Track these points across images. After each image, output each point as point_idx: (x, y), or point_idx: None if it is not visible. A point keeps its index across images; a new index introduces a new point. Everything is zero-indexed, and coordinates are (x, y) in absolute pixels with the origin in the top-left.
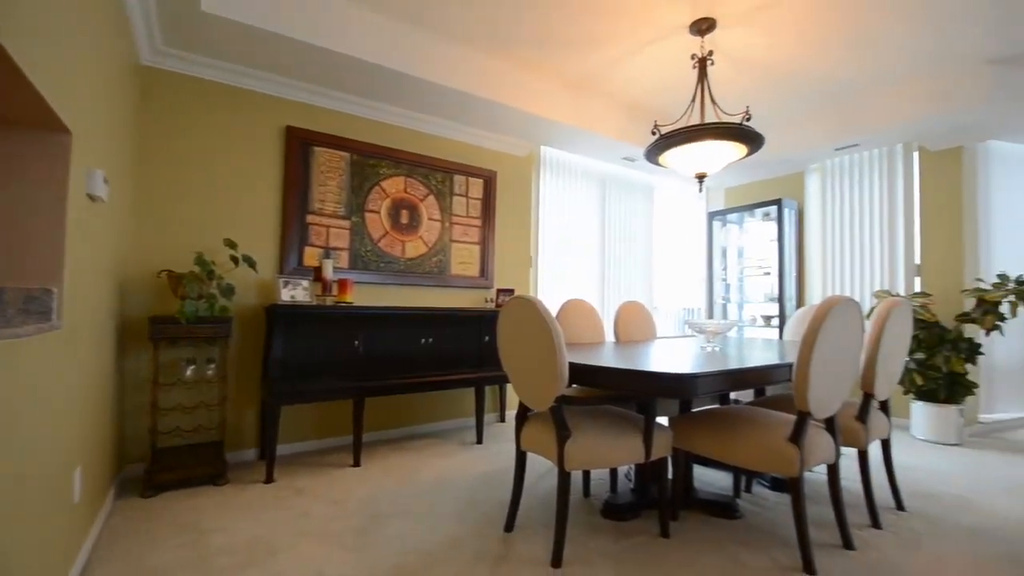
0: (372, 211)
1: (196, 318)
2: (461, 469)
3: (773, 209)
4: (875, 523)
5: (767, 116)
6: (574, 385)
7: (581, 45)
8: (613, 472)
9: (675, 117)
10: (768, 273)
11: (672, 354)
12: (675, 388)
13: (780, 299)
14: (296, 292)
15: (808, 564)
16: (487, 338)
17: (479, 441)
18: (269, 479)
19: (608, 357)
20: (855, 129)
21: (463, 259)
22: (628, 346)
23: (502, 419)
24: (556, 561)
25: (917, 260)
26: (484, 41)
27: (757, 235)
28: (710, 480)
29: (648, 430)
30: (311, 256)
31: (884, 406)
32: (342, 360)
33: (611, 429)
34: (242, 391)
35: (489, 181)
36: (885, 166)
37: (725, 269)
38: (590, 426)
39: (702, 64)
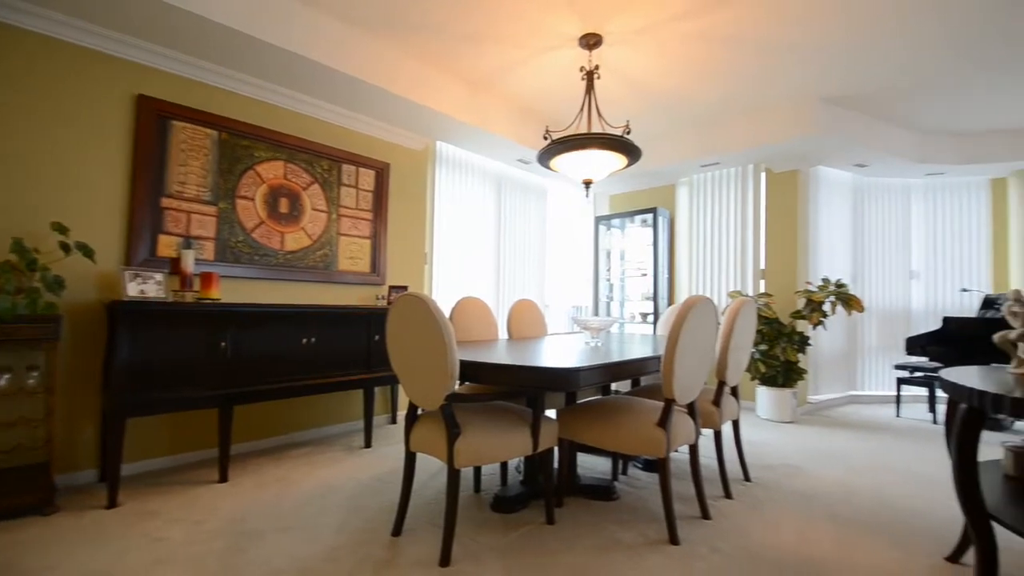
0: (245, 197)
1: (13, 317)
2: (347, 475)
3: (650, 216)
4: (727, 494)
5: (645, 131)
6: (466, 383)
7: (478, 43)
8: (504, 466)
9: (566, 124)
10: (645, 274)
11: (559, 350)
12: (560, 382)
13: (654, 298)
14: (147, 286)
15: (673, 535)
16: (377, 337)
17: (368, 445)
18: (112, 503)
19: (499, 354)
20: (716, 149)
21: (352, 254)
22: (520, 343)
23: (393, 420)
24: (444, 560)
25: (763, 265)
26: (381, 28)
27: (636, 240)
28: (592, 466)
29: (536, 423)
30: (167, 245)
31: (735, 391)
32: (205, 364)
33: (501, 424)
34: (77, 403)
35: (381, 173)
36: (739, 183)
37: (609, 270)
38: (480, 423)
39: (590, 77)
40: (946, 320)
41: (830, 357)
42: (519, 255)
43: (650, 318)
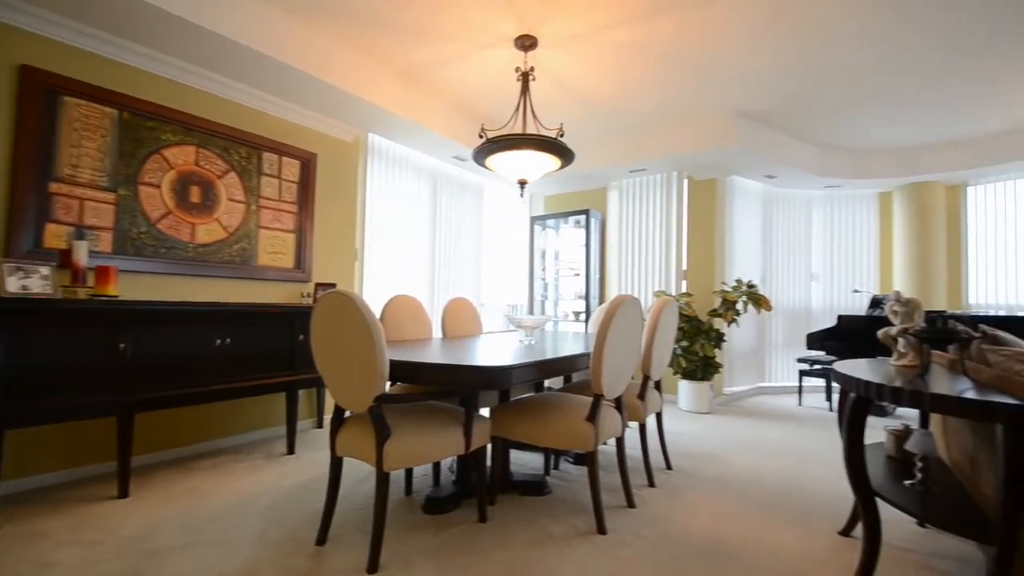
0: (150, 184)
1: None
2: (268, 484)
3: (582, 218)
4: (651, 482)
5: (579, 135)
6: (398, 383)
7: (415, 35)
8: (436, 466)
9: (502, 123)
10: (578, 274)
11: (493, 348)
12: (493, 380)
13: (587, 297)
14: (30, 281)
15: (600, 526)
16: (302, 337)
17: (290, 451)
18: None
19: (432, 353)
20: (644, 156)
21: (274, 248)
22: (454, 342)
23: (320, 424)
24: (372, 566)
25: (685, 266)
26: (311, 12)
27: (570, 240)
28: (525, 462)
29: (468, 422)
30: (56, 236)
31: (658, 385)
32: (101, 368)
33: (432, 424)
34: None
35: (308, 164)
36: (665, 189)
37: (544, 269)
38: (411, 423)
39: (525, 78)
40: (840, 318)
41: (742, 352)
42: (455, 253)
43: (583, 316)
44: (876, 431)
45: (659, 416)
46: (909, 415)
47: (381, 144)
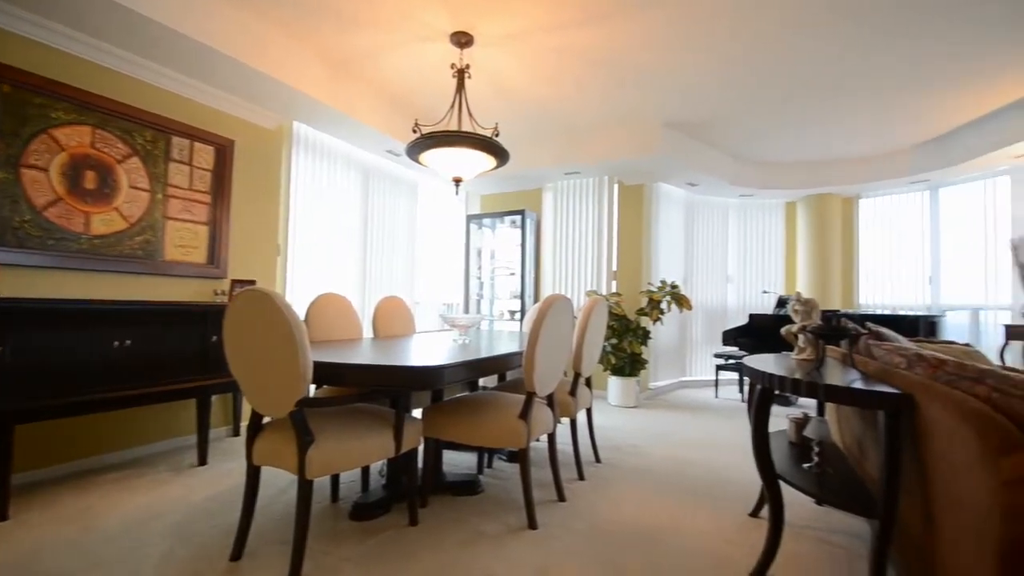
0: (35, 167)
1: None
2: (175, 499)
3: (518, 218)
4: (581, 476)
5: (515, 135)
6: (324, 386)
7: (347, 21)
8: (365, 471)
9: (437, 119)
10: (513, 273)
11: (426, 348)
12: (424, 380)
13: (522, 296)
14: None
15: (532, 521)
16: (216, 338)
17: (202, 462)
18: None
19: (361, 354)
20: (577, 159)
21: (184, 241)
22: (386, 341)
23: (236, 432)
24: None
25: (615, 267)
26: None
27: (506, 239)
28: (458, 462)
29: (399, 424)
30: None
31: (588, 382)
32: None
33: (359, 428)
34: None
35: (224, 151)
36: (597, 192)
37: (480, 268)
38: (336, 428)
39: (461, 75)
40: (751, 317)
41: (666, 349)
42: (388, 251)
43: (518, 315)
44: (782, 420)
45: (589, 411)
46: (810, 404)
47: (308, 134)
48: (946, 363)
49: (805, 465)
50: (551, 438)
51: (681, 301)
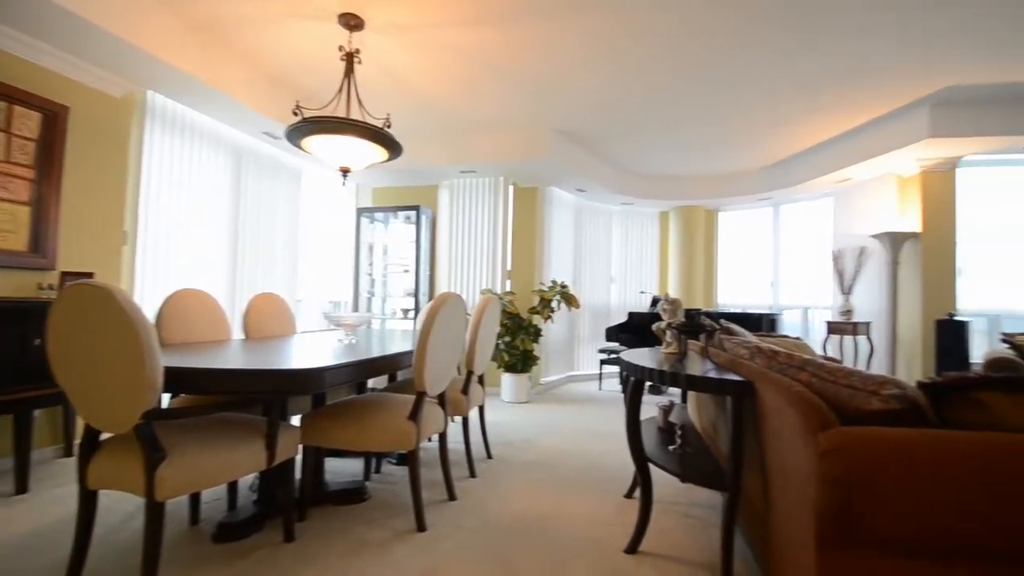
0: None
1: None
2: None
3: (413, 214)
4: (472, 473)
5: (409, 129)
6: (181, 395)
7: None
8: (232, 487)
9: (323, 103)
10: (408, 271)
11: (307, 349)
12: (301, 383)
13: (416, 294)
14: None
15: (420, 523)
16: (40, 341)
17: (22, 490)
18: None
19: (227, 357)
20: (473, 158)
21: None
22: (259, 343)
23: (69, 452)
24: None
25: (509, 267)
26: None
27: (400, 235)
28: (342, 469)
29: (272, 433)
30: None
31: (481, 379)
32: None
33: (223, 440)
34: None
35: (55, 119)
36: (492, 192)
37: (371, 265)
38: (195, 441)
39: (350, 59)
40: (630, 315)
41: (556, 345)
42: (265, 243)
43: (411, 314)
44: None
45: (481, 409)
46: (678, 392)
47: (166, 106)
48: (778, 354)
49: (671, 448)
50: (442, 437)
51: (570, 300)
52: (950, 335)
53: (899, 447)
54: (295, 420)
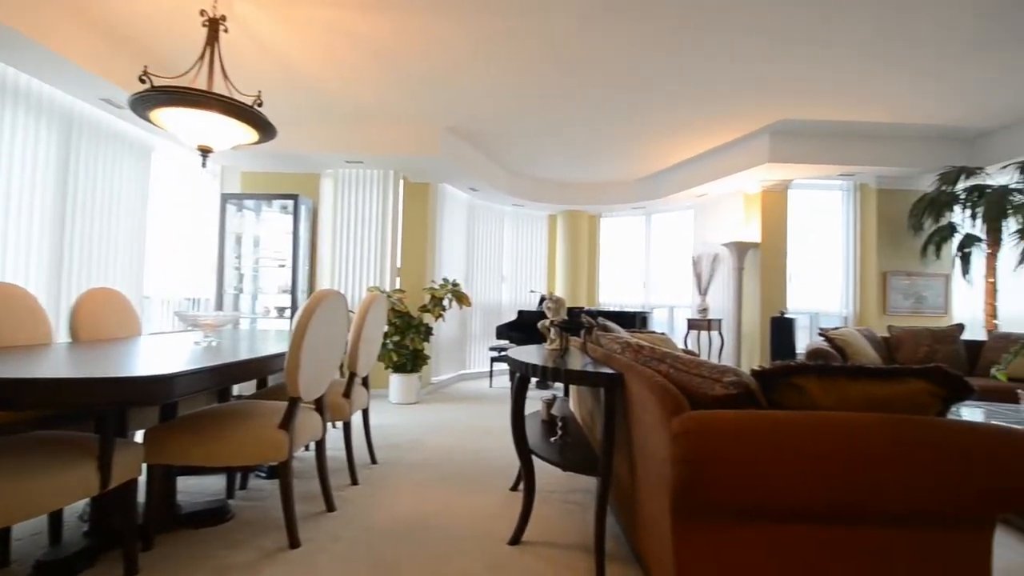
0: None
1: None
2: None
3: (290, 203)
4: (354, 481)
5: (286, 111)
6: None
7: None
8: (56, 518)
9: (180, 71)
10: (283, 265)
11: (155, 352)
12: (142, 394)
13: (293, 291)
14: None
15: (293, 539)
16: None
17: None
18: None
19: (45, 364)
20: (359, 148)
21: None
22: (91, 346)
23: None
24: None
25: (399, 263)
26: None
27: (274, 226)
28: (201, 488)
29: (106, 453)
30: None
31: (365, 381)
32: None
33: (36, 464)
34: None
35: None
36: (381, 186)
37: (239, 257)
38: (1, 466)
39: (213, 25)
40: (520, 313)
41: (447, 344)
42: (103, 230)
43: (287, 312)
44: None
45: (366, 412)
46: (561, 387)
47: None
48: (643, 348)
49: (552, 439)
50: (320, 445)
51: (462, 298)
52: (781, 330)
53: (733, 427)
54: (139, 436)
